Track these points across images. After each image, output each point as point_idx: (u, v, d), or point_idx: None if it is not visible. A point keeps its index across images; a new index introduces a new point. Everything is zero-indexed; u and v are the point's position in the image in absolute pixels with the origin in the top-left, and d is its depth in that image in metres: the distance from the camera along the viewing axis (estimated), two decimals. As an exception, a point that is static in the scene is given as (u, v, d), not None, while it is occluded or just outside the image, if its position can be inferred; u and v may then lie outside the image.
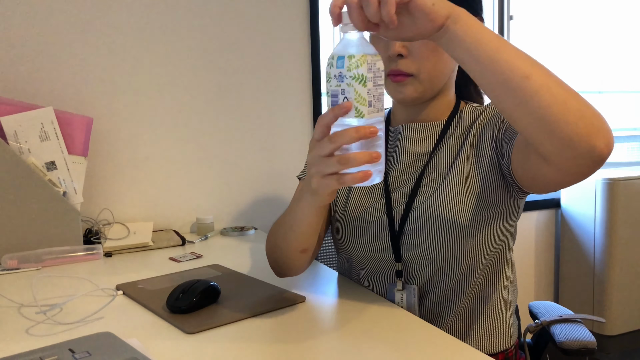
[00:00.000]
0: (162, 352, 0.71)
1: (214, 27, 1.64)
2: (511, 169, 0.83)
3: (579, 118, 0.64)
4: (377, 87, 0.66)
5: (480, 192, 0.87)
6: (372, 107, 0.65)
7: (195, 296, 0.85)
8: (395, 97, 0.94)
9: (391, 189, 0.95)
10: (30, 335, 0.78)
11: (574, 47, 2.70)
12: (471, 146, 0.91)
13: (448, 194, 0.88)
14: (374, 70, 0.65)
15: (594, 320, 1.16)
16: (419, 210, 0.89)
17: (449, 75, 0.93)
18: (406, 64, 0.87)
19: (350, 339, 0.75)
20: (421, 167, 0.93)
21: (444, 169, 0.91)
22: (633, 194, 2.17)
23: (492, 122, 0.89)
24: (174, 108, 1.61)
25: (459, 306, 0.90)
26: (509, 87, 0.65)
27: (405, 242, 0.90)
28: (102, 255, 1.27)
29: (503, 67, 0.65)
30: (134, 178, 1.57)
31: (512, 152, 0.82)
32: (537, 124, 0.65)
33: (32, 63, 1.43)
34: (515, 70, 0.65)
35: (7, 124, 1.24)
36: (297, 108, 1.79)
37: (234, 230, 1.57)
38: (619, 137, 2.93)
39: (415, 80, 0.89)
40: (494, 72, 0.66)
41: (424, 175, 0.92)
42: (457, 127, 0.94)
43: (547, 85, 0.65)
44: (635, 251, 2.19)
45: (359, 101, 0.64)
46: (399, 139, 0.97)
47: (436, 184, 0.90)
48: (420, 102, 0.95)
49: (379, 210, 0.94)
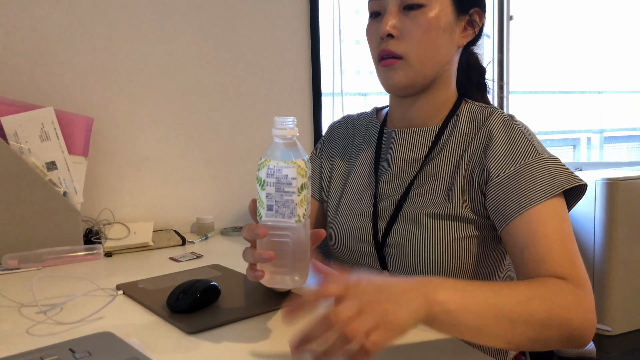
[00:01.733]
0: (162, 352, 0.71)
1: (214, 27, 1.65)
2: (498, 232, 0.83)
3: (559, 341, 0.70)
4: (283, 194, 0.67)
5: (466, 220, 0.85)
6: (272, 211, 0.68)
7: (195, 296, 0.84)
8: (385, 85, 0.91)
9: (380, 196, 0.94)
10: (30, 335, 0.78)
11: (573, 47, 2.71)
12: (465, 172, 0.86)
13: (431, 214, 0.86)
14: (277, 176, 0.66)
15: (599, 329, 1.14)
16: (402, 224, 0.88)
17: (442, 64, 0.90)
18: (396, 44, 0.86)
19: (350, 338, 0.75)
20: (411, 176, 0.92)
21: (433, 183, 0.89)
22: (633, 194, 2.17)
23: (498, 181, 0.83)
24: (174, 108, 1.61)
25: None
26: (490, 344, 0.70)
27: (389, 255, 0.89)
28: (103, 255, 1.27)
29: (483, 340, 0.68)
30: (134, 178, 1.57)
31: (501, 234, 0.82)
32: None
33: (32, 63, 1.44)
34: (495, 342, 0.68)
35: (7, 124, 1.24)
36: (297, 108, 1.79)
37: (234, 230, 1.57)
38: (619, 137, 2.93)
39: (405, 64, 0.87)
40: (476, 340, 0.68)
41: (412, 186, 0.90)
42: (452, 134, 0.91)
43: (523, 342, 0.69)
44: (635, 251, 2.19)
45: (259, 202, 0.68)
46: (391, 143, 0.96)
47: (422, 199, 0.88)
48: (412, 92, 0.91)
49: (366, 218, 0.93)
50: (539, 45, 2.39)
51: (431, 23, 0.85)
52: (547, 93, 5.85)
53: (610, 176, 2.16)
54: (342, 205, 0.98)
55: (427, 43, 0.86)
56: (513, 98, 2.36)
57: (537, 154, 0.83)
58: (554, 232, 0.77)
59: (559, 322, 0.68)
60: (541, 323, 0.67)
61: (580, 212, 2.26)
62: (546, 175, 0.80)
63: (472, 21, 0.91)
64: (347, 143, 1.06)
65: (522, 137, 0.85)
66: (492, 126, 0.87)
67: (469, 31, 0.91)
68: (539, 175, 0.80)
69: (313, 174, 1.11)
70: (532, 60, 2.80)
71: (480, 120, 0.90)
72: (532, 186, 0.80)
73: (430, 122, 0.94)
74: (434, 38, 0.86)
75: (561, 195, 0.80)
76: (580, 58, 2.49)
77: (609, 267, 2.15)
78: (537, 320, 0.67)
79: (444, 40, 0.88)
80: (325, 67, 1.88)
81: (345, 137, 1.07)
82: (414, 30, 0.85)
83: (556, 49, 2.43)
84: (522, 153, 0.83)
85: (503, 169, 0.83)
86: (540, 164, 0.82)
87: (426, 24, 0.85)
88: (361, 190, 0.97)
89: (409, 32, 0.85)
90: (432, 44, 0.86)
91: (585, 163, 2.51)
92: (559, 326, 0.68)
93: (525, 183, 0.80)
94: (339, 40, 2.05)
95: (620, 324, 2.20)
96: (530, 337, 0.67)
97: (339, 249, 0.97)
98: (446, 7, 0.87)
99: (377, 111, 1.07)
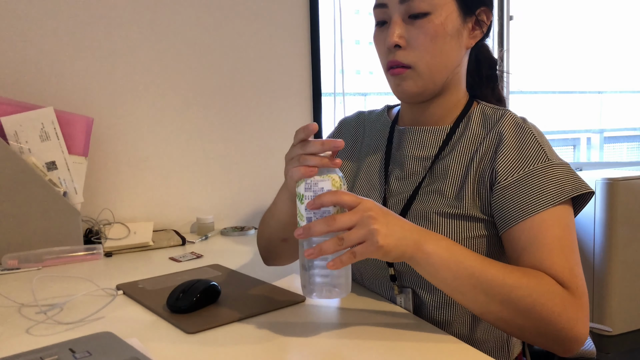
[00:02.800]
0: (162, 352, 0.71)
1: (214, 27, 1.65)
2: (499, 234, 0.84)
3: (536, 338, 0.73)
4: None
5: (476, 219, 0.85)
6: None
7: (195, 296, 0.85)
8: (396, 92, 0.91)
9: (390, 193, 0.94)
10: (30, 335, 0.78)
11: (573, 47, 2.71)
12: (476, 172, 0.86)
13: (440, 213, 0.86)
14: (314, 189, 0.71)
15: (599, 329, 1.13)
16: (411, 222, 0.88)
17: (451, 69, 0.89)
18: (403, 54, 0.85)
19: (350, 339, 0.75)
20: (422, 174, 0.91)
21: (444, 182, 0.88)
22: (633, 194, 2.17)
23: (508, 183, 0.82)
24: (174, 108, 1.61)
25: (453, 318, 0.89)
26: (469, 306, 0.75)
27: None
28: (103, 255, 1.27)
29: (458, 300, 0.74)
30: (134, 178, 1.57)
31: (502, 236, 0.83)
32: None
33: (32, 63, 1.44)
34: (467, 306, 0.74)
35: (7, 124, 1.24)
36: (297, 108, 1.79)
37: (234, 230, 1.57)
38: (619, 137, 2.94)
39: (414, 73, 0.86)
40: (454, 292, 0.74)
41: (422, 184, 0.90)
42: (464, 134, 0.90)
43: (499, 320, 0.73)
44: (635, 251, 2.19)
45: (299, 217, 0.72)
46: (402, 141, 0.96)
47: (432, 198, 0.88)
48: (423, 99, 0.91)
49: None
50: (539, 45, 2.39)
51: (438, 30, 0.84)
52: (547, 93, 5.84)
53: (610, 176, 2.16)
54: None
55: (435, 51, 0.85)
56: (513, 98, 2.36)
57: (546, 159, 0.82)
58: (556, 240, 0.77)
59: (538, 318, 0.71)
60: (517, 310, 0.71)
61: (580, 212, 2.26)
62: (553, 181, 0.80)
63: (479, 21, 0.89)
64: (357, 138, 1.06)
65: (532, 141, 0.84)
66: (503, 128, 0.87)
67: (477, 31, 0.90)
68: (546, 182, 0.80)
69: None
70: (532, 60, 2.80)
71: (492, 122, 0.89)
72: (538, 193, 0.79)
73: (442, 122, 0.94)
74: (441, 45, 0.85)
75: (568, 202, 0.80)
76: (580, 58, 2.50)
77: (609, 267, 2.15)
78: (513, 307, 0.71)
79: (452, 46, 0.87)
80: (325, 67, 1.88)
81: (356, 133, 1.07)
82: (420, 38, 0.84)
83: (556, 49, 2.43)
84: (532, 157, 0.83)
85: (511, 172, 0.82)
86: (549, 170, 0.81)
87: (433, 32, 0.84)
88: (370, 186, 0.97)
89: (416, 41, 0.84)
90: (440, 51, 0.85)
91: (585, 163, 2.51)
92: (537, 321, 0.71)
93: (531, 189, 0.80)
94: (339, 40, 2.05)
95: (620, 324, 2.19)
96: (504, 318, 0.72)
97: None
98: (452, 12, 0.85)
99: (388, 109, 1.06)
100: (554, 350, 0.74)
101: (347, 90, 1.97)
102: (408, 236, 0.70)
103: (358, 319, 0.82)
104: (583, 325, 0.72)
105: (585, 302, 0.74)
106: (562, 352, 0.74)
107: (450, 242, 0.73)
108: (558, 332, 0.71)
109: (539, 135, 0.86)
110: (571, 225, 0.80)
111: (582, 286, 0.75)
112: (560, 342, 0.72)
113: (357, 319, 0.82)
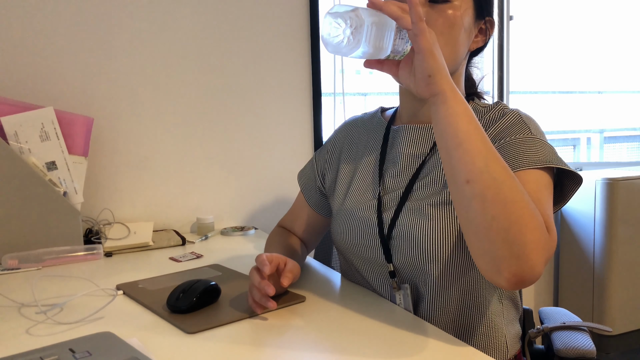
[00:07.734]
0: (162, 352, 0.71)
1: (215, 27, 1.65)
2: None
3: (501, 240, 0.66)
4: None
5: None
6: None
7: (195, 296, 0.85)
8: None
9: (385, 190, 0.95)
10: (30, 335, 0.78)
11: (574, 47, 2.71)
12: None
13: (434, 204, 0.86)
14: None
15: (599, 329, 1.13)
16: (406, 216, 0.88)
17: (458, 61, 0.91)
18: None
19: (350, 339, 0.75)
20: (414, 170, 0.93)
21: (435, 173, 0.90)
22: (633, 194, 2.17)
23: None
24: (174, 108, 1.61)
25: (452, 314, 0.89)
26: (452, 183, 0.71)
27: (394, 247, 0.90)
28: (103, 255, 1.27)
29: (454, 163, 0.70)
30: (134, 178, 1.57)
31: None
32: (465, 223, 0.71)
33: (32, 63, 1.44)
34: (461, 171, 0.69)
35: (7, 124, 1.24)
36: (297, 108, 1.79)
37: (234, 230, 1.57)
38: (619, 137, 2.93)
39: None
40: (447, 163, 0.71)
41: (416, 179, 0.91)
42: None
43: (483, 196, 0.67)
44: (635, 251, 2.19)
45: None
46: (397, 140, 0.97)
47: (425, 191, 0.89)
48: None
49: (371, 211, 0.94)
50: (539, 45, 2.39)
51: (457, 19, 0.86)
52: (547, 93, 5.84)
53: (610, 176, 2.16)
54: (348, 200, 0.99)
55: (449, 37, 0.87)
56: (513, 98, 2.36)
57: (529, 133, 0.84)
58: (532, 192, 0.75)
59: (516, 217, 0.66)
60: (503, 194, 0.67)
61: (580, 212, 2.26)
62: (533, 150, 0.81)
63: (483, 29, 0.93)
64: (353, 141, 1.07)
65: (518, 119, 0.87)
66: (495, 115, 0.90)
67: (479, 38, 0.94)
68: (526, 149, 0.81)
69: (310, 184, 1.13)
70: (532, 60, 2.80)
71: (484, 112, 0.92)
72: (516, 156, 0.80)
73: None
74: (456, 35, 0.87)
75: (548, 172, 0.80)
76: (580, 58, 2.49)
77: (609, 267, 2.15)
78: (502, 190, 0.67)
79: (464, 40, 0.89)
80: (325, 67, 1.88)
81: (351, 136, 1.08)
82: (439, 22, 0.86)
83: (556, 49, 2.43)
84: (515, 131, 0.85)
85: (493, 141, 0.84)
86: (531, 141, 0.82)
87: (452, 18, 0.86)
88: (366, 185, 0.98)
89: (435, 24, 0.85)
90: (454, 39, 0.87)
91: (585, 163, 2.51)
92: (511, 221, 0.66)
93: (510, 153, 0.81)
94: (339, 40, 2.04)
95: (620, 324, 2.20)
96: (485, 196, 0.67)
97: (344, 242, 0.97)
98: (469, 7, 0.88)
99: (382, 111, 1.09)
100: (501, 270, 0.68)
101: (347, 90, 1.97)
102: (445, 74, 0.71)
103: (358, 319, 0.82)
104: (542, 258, 0.68)
105: (553, 246, 0.72)
106: (508, 273, 0.67)
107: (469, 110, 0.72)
108: (521, 245, 0.66)
109: (528, 119, 0.88)
110: (549, 188, 0.80)
111: (554, 234, 0.73)
112: (515, 257, 0.66)
113: (357, 318, 0.82)
